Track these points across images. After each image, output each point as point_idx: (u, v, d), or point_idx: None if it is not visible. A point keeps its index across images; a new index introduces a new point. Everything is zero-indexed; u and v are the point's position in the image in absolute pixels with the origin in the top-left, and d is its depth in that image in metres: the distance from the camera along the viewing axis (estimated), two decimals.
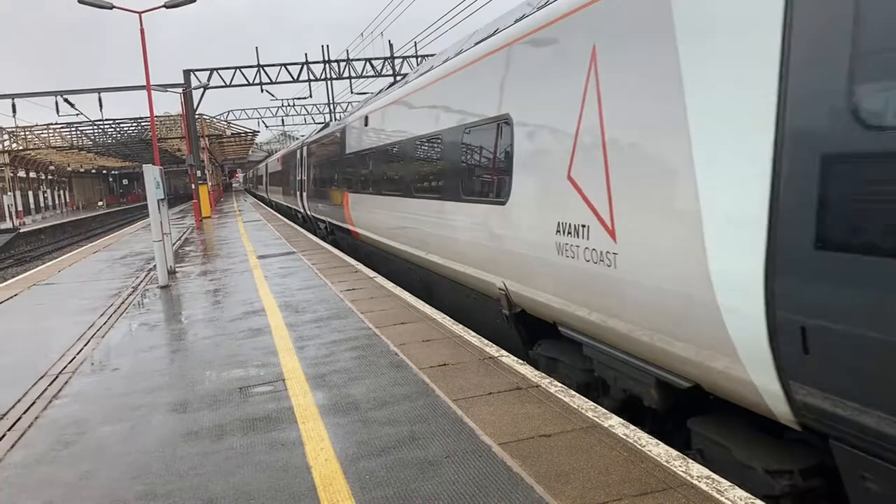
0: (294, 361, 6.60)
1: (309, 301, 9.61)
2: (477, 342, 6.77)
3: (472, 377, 5.69)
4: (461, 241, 8.06)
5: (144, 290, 11.90)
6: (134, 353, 7.47)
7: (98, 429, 5.22)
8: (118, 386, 6.31)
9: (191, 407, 5.54)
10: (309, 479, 4.04)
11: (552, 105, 5.77)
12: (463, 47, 8.90)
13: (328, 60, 36.47)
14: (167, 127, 54.13)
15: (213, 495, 3.94)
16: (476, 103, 7.58)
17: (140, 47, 25.81)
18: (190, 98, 33.38)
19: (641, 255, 4.56)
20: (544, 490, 3.67)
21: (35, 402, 5.99)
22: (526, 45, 6.42)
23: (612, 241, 4.84)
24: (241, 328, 8.25)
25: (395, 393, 5.45)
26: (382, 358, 6.47)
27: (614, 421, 4.56)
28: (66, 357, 7.51)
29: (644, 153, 4.47)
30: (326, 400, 5.42)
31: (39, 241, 43.90)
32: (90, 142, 57.93)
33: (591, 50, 5.12)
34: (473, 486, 3.79)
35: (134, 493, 4.05)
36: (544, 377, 5.57)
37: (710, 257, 3.91)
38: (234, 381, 6.12)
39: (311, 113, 66.79)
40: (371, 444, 4.48)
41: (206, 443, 4.74)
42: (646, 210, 4.47)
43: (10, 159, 54.74)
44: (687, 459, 3.94)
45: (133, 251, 19.69)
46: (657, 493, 3.56)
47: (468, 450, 4.27)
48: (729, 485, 3.59)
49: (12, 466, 4.62)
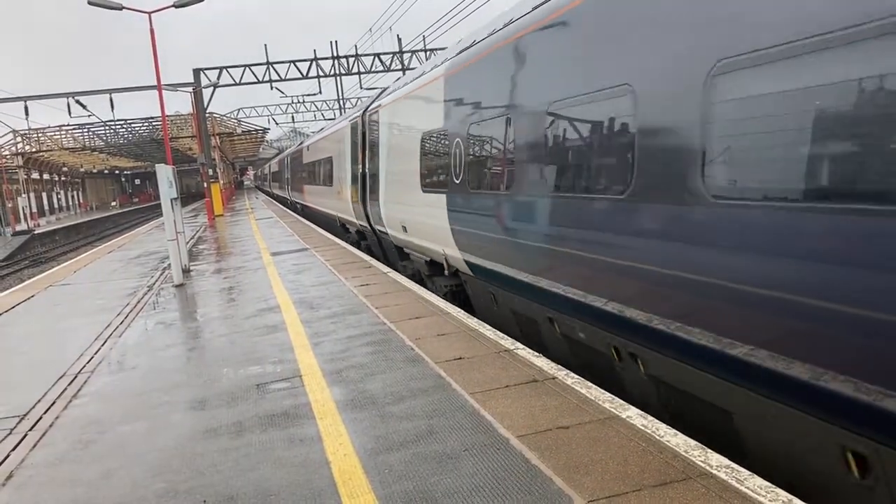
0: (310, 357, 6.62)
1: (323, 297, 9.64)
2: (492, 335, 6.77)
3: (487, 370, 5.69)
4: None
5: (160, 289, 11.98)
6: (151, 352, 7.52)
7: (118, 427, 5.27)
8: (136, 385, 6.36)
9: (209, 404, 5.57)
10: (328, 474, 4.06)
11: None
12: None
13: (337, 56, 36.49)
14: (178, 126, 54.36)
15: (234, 492, 3.96)
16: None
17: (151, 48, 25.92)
18: (200, 97, 33.50)
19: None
20: (563, 482, 3.67)
21: (55, 402, 6.05)
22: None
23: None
24: (256, 325, 8.29)
25: (411, 387, 5.47)
26: (398, 353, 6.49)
27: (632, 412, 4.55)
28: (84, 357, 7.58)
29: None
30: (343, 395, 5.44)
31: (54, 242, 44.26)
32: (102, 142, 58.29)
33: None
34: (492, 478, 3.80)
35: (155, 491, 4.08)
36: (561, 369, 5.57)
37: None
38: (251, 378, 6.15)
39: (320, 109, 66.91)
40: (389, 438, 4.50)
41: (225, 440, 4.78)
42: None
43: (23, 161, 55.17)
44: (706, 449, 3.93)
45: (147, 250, 19.82)
46: (677, 483, 3.55)
47: (486, 443, 4.28)
48: (749, 474, 3.58)
49: (35, 466, 4.68)
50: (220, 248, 18.54)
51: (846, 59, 3.15)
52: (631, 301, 4.93)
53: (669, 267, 4.40)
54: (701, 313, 4.17)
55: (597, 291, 5.45)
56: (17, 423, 5.57)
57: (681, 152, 4.27)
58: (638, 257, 4.75)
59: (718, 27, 3.95)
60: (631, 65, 4.84)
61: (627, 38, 4.89)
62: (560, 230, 5.98)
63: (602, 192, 5.24)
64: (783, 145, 3.53)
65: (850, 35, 3.11)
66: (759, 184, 3.65)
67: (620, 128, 5.01)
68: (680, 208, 4.27)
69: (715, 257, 3.98)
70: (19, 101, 34.25)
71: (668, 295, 4.49)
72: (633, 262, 4.81)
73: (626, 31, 4.91)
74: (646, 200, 4.65)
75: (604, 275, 5.29)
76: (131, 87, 35.06)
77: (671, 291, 4.44)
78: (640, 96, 4.68)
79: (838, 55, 3.18)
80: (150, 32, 25.43)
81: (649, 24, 4.64)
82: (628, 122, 4.88)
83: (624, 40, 4.93)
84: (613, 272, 5.12)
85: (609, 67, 5.14)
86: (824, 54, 3.26)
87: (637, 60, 4.76)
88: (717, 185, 3.95)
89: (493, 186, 7.59)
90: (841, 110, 3.21)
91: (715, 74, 3.93)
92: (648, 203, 4.62)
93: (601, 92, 5.22)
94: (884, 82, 2.98)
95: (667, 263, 4.42)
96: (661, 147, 4.52)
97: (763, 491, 3.37)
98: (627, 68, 4.87)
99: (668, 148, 4.44)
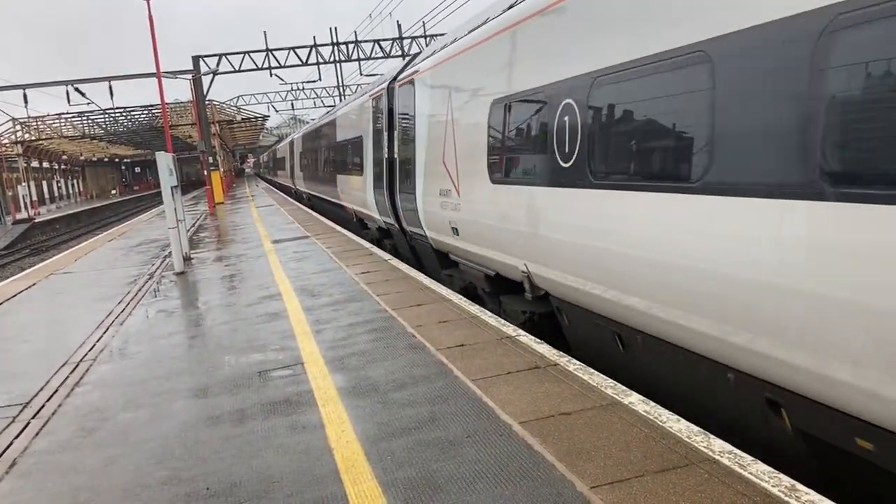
0: (312, 345, 6.62)
1: (325, 285, 9.63)
2: (494, 322, 6.77)
3: (489, 357, 5.69)
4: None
5: (161, 277, 11.97)
6: (153, 340, 7.52)
7: (120, 415, 5.27)
8: (139, 372, 6.36)
9: (211, 392, 5.58)
10: (331, 461, 4.07)
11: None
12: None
13: (337, 43, 36.29)
14: (178, 114, 54.18)
15: (237, 479, 3.97)
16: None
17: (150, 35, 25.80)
18: (200, 84, 33.37)
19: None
20: (566, 468, 3.67)
21: (58, 390, 6.06)
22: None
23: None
24: (258, 313, 8.28)
25: (413, 374, 5.46)
26: (400, 340, 6.48)
27: (634, 398, 4.54)
28: (86, 345, 7.58)
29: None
30: (346, 382, 5.44)
31: (55, 230, 44.24)
32: (102, 130, 58.14)
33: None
34: (495, 465, 3.80)
35: (158, 478, 4.09)
36: (563, 356, 5.56)
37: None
38: (254, 366, 6.15)
39: (320, 96, 66.68)
40: (392, 425, 4.50)
41: (227, 427, 4.78)
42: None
43: (23, 150, 55.06)
44: (708, 435, 3.92)
45: (148, 238, 19.80)
46: (679, 468, 3.55)
47: (488, 429, 4.28)
48: (752, 459, 3.57)
49: (38, 454, 4.68)
50: (221, 235, 18.52)
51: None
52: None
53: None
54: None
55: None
56: (20, 412, 5.58)
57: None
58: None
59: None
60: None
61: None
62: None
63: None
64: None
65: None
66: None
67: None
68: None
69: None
70: (18, 90, 34.12)
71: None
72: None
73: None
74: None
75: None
76: (130, 75, 34.91)
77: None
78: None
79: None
80: (149, 19, 25.30)
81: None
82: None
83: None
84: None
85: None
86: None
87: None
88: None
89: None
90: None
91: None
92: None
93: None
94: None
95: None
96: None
97: (766, 476, 3.37)
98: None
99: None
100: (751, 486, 3.30)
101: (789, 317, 3.67)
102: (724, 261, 4.12)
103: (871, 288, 3.18)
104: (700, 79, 4.29)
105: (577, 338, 6.78)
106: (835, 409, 3.55)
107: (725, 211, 4.09)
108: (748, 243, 3.91)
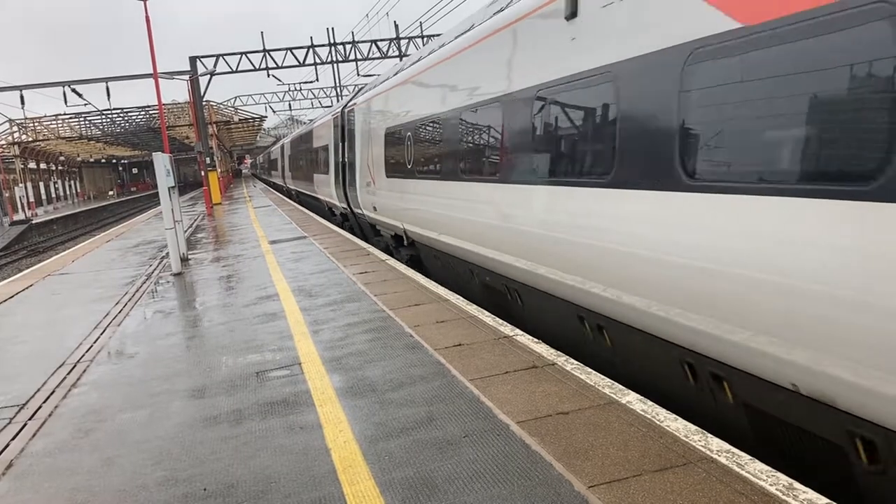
0: (309, 345, 6.62)
1: (322, 285, 9.63)
2: (491, 322, 6.77)
3: (487, 357, 5.68)
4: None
5: (158, 278, 11.96)
6: (150, 341, 7.51)
7: (117, 416, 5.26)
8: (136, 373, 6.35)
9: (208, 392, 5.57)
10: (329, 461, 4.06)
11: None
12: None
13: (334, 43, 36.26)
14: (175, 115, 54.14)
15: (235, 479, 3.96)
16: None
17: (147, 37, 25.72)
18: (197, 85, 33.33)
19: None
20: (563, 467, 3.67)
21: (54, 391, 6.04)
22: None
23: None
24: (255, 313, 8.28)
25: (411, 374, 5.46)
26: (397, 340, 6.48)
27: (632, 397, 4.55)
28: (83, 346, 7.57)
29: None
30: (343, 382, 5.43)
31: (52, 231, 44.16)
32: (99, 131, 58.06)
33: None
34: (493, 464, 3.80)
35: (155, 479, 4.08)
36: (560, 355, 5.56)
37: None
38: (251, 366, 6.15)
39: (317, 97, 66.65)
40: (389, 425, 4.49)
41: (224, 428, 4.77)
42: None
43: (20, 151, 54.97)
44: (706, 434, 3.93)
45: (145, 239, 19.78)
46: (677, 468, 3.55)
47: (486, 429, 4.27)
48: (749, 458, 3.58)
49: (35, 455, 4.67)
50: (219, 236, 18.50)
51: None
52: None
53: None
54: None
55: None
56: (17, 413, 5.56)
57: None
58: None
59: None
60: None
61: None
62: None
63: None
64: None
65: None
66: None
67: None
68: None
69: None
70: (14, 91, 34.05)
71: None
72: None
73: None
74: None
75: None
76: (127, 76, 34.82)
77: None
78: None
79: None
80: (146, 20, 25.27)
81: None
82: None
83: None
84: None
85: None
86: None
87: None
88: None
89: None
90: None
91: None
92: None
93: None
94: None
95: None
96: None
97: (764, 475, 3.38)
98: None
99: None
100: (748, 485, 3.30)
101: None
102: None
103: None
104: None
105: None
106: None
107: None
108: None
